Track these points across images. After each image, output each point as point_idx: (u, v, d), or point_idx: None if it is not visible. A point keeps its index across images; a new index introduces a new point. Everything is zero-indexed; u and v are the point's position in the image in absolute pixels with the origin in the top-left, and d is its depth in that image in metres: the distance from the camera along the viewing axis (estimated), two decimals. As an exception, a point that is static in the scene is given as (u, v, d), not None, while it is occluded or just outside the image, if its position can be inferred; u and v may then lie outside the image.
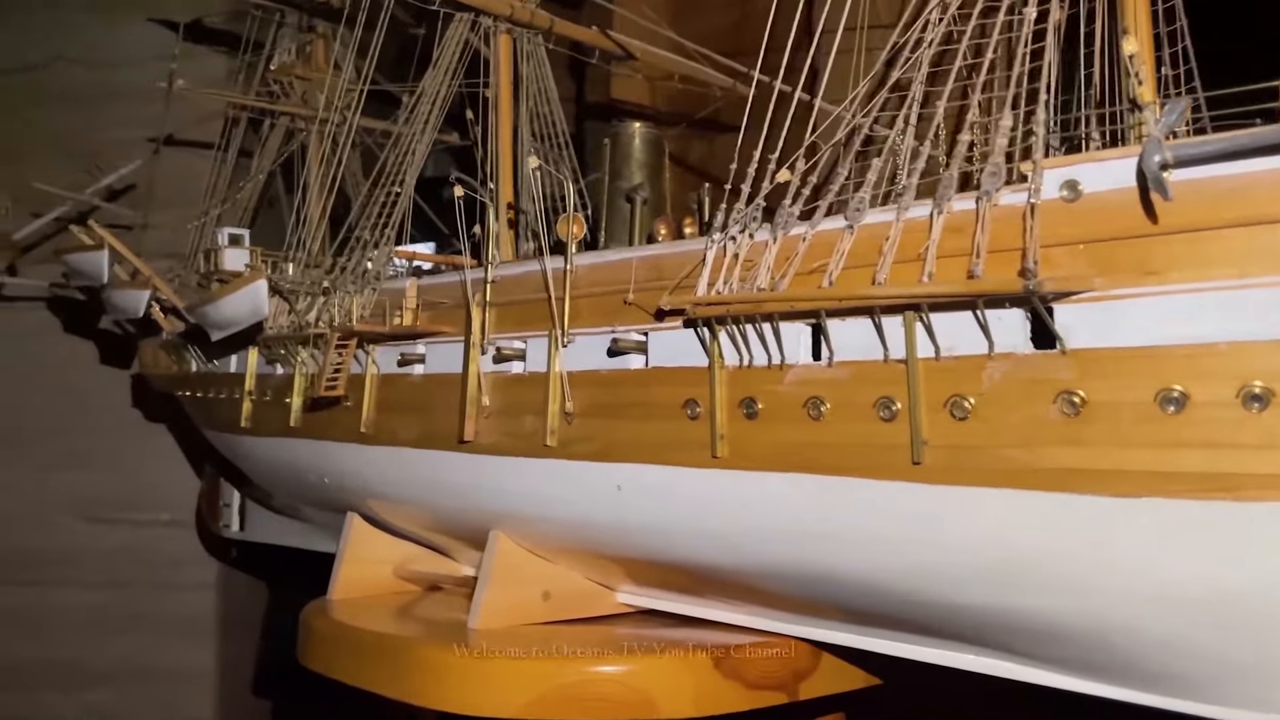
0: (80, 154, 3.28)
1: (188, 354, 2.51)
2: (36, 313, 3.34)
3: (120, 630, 3.41)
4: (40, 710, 3.39)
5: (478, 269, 1.74)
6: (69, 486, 3.40)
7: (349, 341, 1.86)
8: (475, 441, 1.70)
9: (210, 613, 3.38)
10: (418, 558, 2.07)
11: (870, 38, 1.60)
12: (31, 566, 3.40)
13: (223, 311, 1.96)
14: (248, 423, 2.26)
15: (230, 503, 2.76)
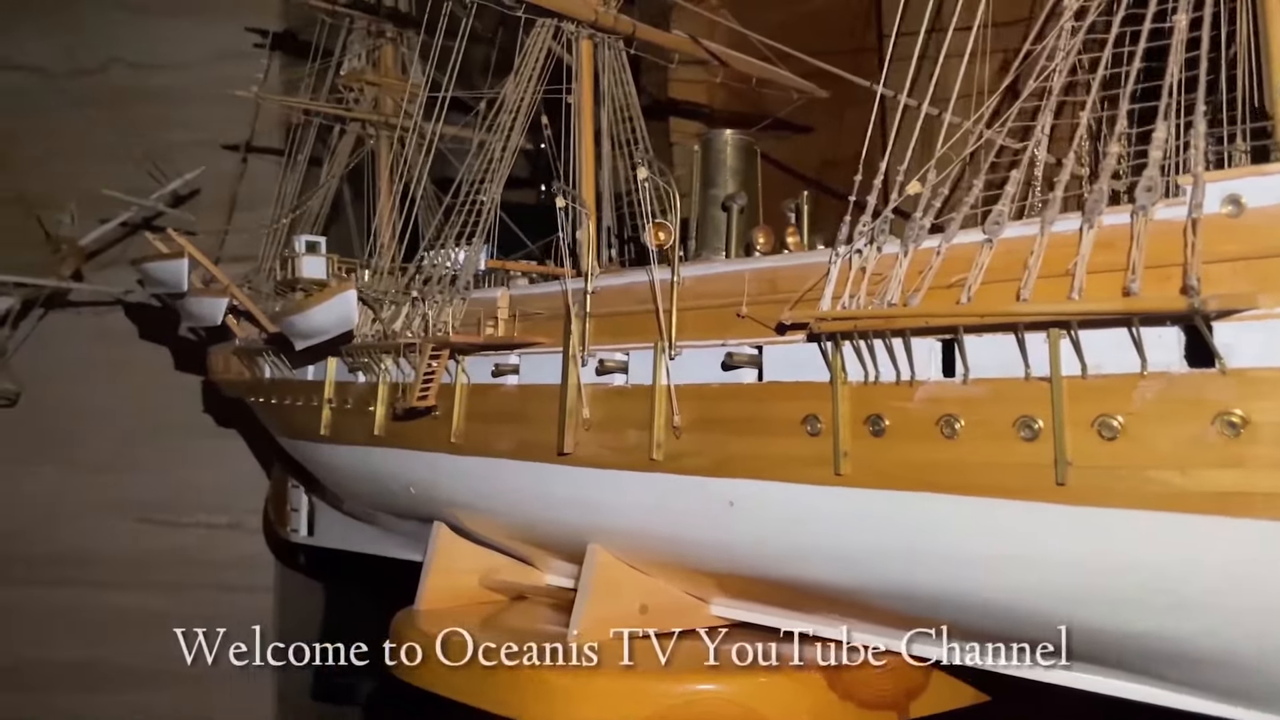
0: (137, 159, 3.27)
1: (261, 360, 2.49)
2: (101, 318, 3.34)
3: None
4: (97, 711, 3.39)
5: (577, 279, 1.71)
6: (128, 489, 3.39)
7: (443, 351, 1.83)
8: (575, 454, 1.67)
9: (267, 615, 3.36)
10: (503, 567, 2.05)
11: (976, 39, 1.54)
12: (90, 568, 3.39)
13: (312, 321, 1.94)
14: (327, 431, 2.24)
15: (299, 508, 2.74)
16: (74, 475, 3.39)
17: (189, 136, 3.30)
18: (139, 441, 3.38)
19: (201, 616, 3.34)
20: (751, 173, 1.82)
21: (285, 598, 3.41)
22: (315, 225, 2.46)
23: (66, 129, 3.41)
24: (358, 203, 2.80)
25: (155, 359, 3.39)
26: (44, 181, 3.29)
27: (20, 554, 3.39)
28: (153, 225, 3.24)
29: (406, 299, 2.02)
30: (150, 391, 3.38)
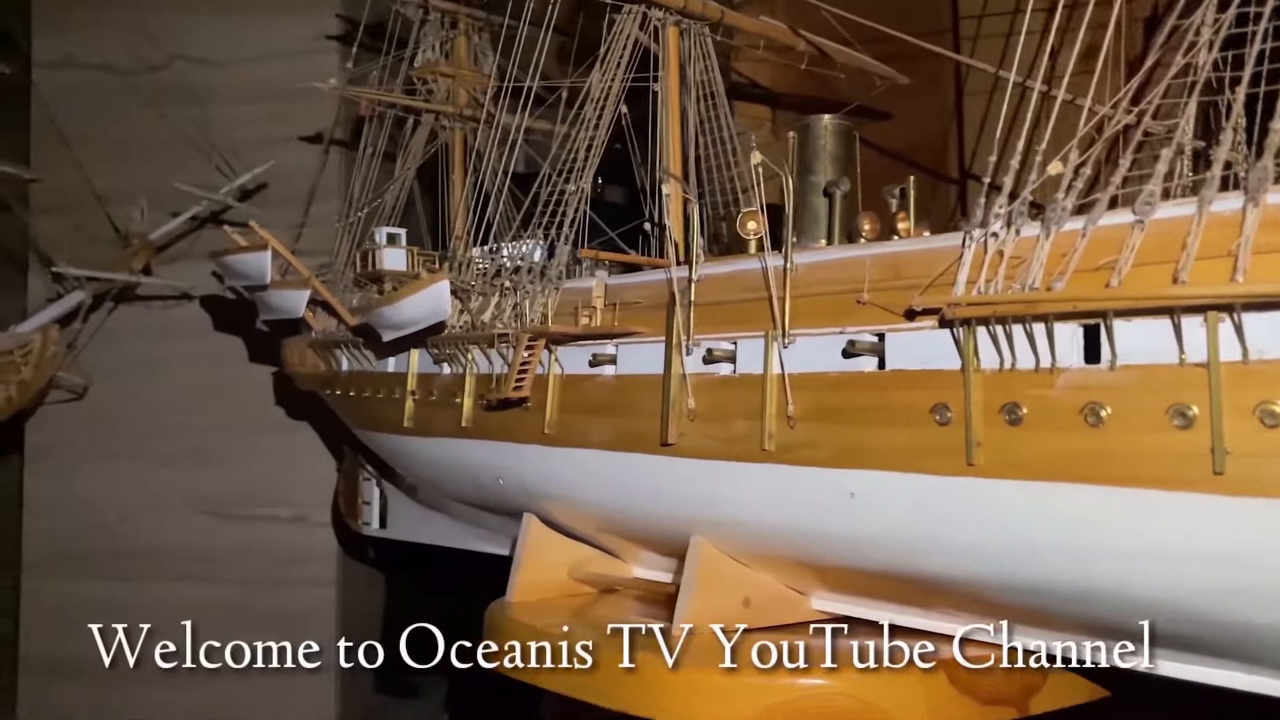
0: (203, 154, 3.26)
1: (338, 353, 2.46)
2: (168, 312, 3.32)
3: (242, 626, 3.37)
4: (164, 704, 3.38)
5: (676, 268, 1.67)
6: (193, 483, 3.38)
7: (538, 342, 1.80)
8: (679, 445, 1.63)
9: (330, 609, 3.34)
10: (592, 560, 2.01)
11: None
12: (159, 562, 3.39)
13: (404, 312, 1.91)
14: (410, 423, 2.21)
15: (370, 501, 2.71)
16: (142, 470, 3.38)
17: (253, 133, 3.28)
18: (205, 436, 3.37)
19: (267, 609, 3.35)
20: (851, 158, 1.77)
21: (348, 591, 3.39)
22: (392, 218, 2.43)
23: (133, 126, 3.40)
24: (426, 197, 2.78)
25: (220, 354, 3.38)
26: (113, 178, 3.28)
27: (91, 548, 3.39)
28: (220, 220, 3.23)
29: (496, 290, 1.99)
30: (216, 386, 3.37)
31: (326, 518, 3.33)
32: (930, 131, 2.62)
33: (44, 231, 3.37)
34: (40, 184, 3.39)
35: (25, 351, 2.80)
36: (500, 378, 1.88)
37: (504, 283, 1.91)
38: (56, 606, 3.40)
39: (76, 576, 3.40)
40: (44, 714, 3.38)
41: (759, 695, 1.47)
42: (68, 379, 3.08)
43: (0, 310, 3.38)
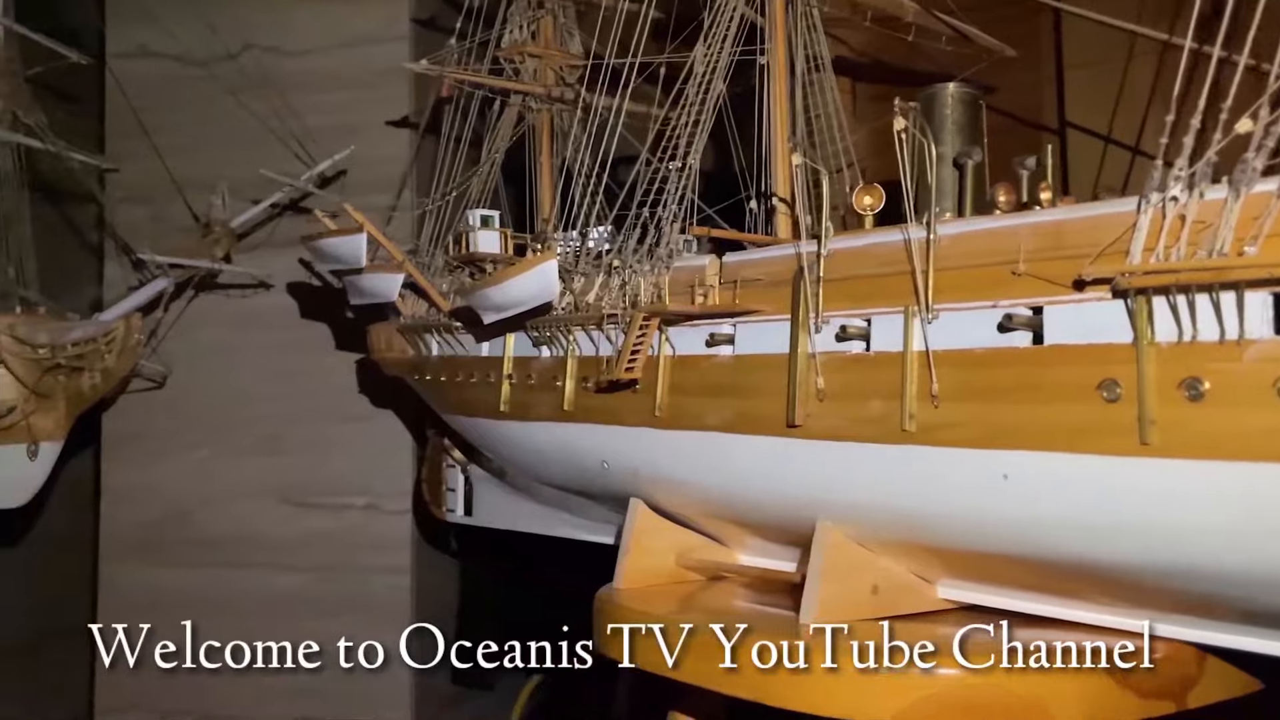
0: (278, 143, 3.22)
1: (428, 337, 2.41)
2: (247, 301, 3.29)
3: (319, 614, 3.35)
4: (241, 692, 3.35)
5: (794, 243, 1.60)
6: (268, 471, 3.35)
7: (651, 321, 1.73)
8: (806, 426, 1.55)
9: (405, 597, 3.29)
10: (699, 546, 1.94)
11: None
12: (231, 549, 3.35)
13: (509, 293, 1.84)
14: (507, 407, 2.14)
15: (455, 487, 2.65)
16: (218, 458, 3.35)
17: (328, 120, 3.23)
18: (281, 424, 3.33)
19: (343, 597, 3.31)
20: (978, 128, 1.68)
21: (422, 579, 3.35)
22: (480, 202, 2.37)
23: (207, 115, 3.37)
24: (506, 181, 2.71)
25: (295, 343, 3.34)
26: (187, 167, 3.25)
27: (167, 536, 3.37)
28: (300, 208, 3.19)
29: (600, 271, 1.92)
30: (291, 375, 3.34)
31: (400, 506, 3.28)
32: (1025, 106, 2.52)
33: (120, 221, 3.35)
34: (116, 174, 3.36)
35: (109, 339, 2.77)
36: (610, 359, 1.81)
37: (611, 262, 1.84)
38: (133, 594, 3.38)
39: (153, 564, 3.38)
40: (121, 700, 3.36)
41: (904, 687, 1.39)
42: (149, 367, 3.05)
43: (78, 299, 3.37)
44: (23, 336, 2.73)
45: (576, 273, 1.94)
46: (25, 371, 2.71)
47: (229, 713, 3.32)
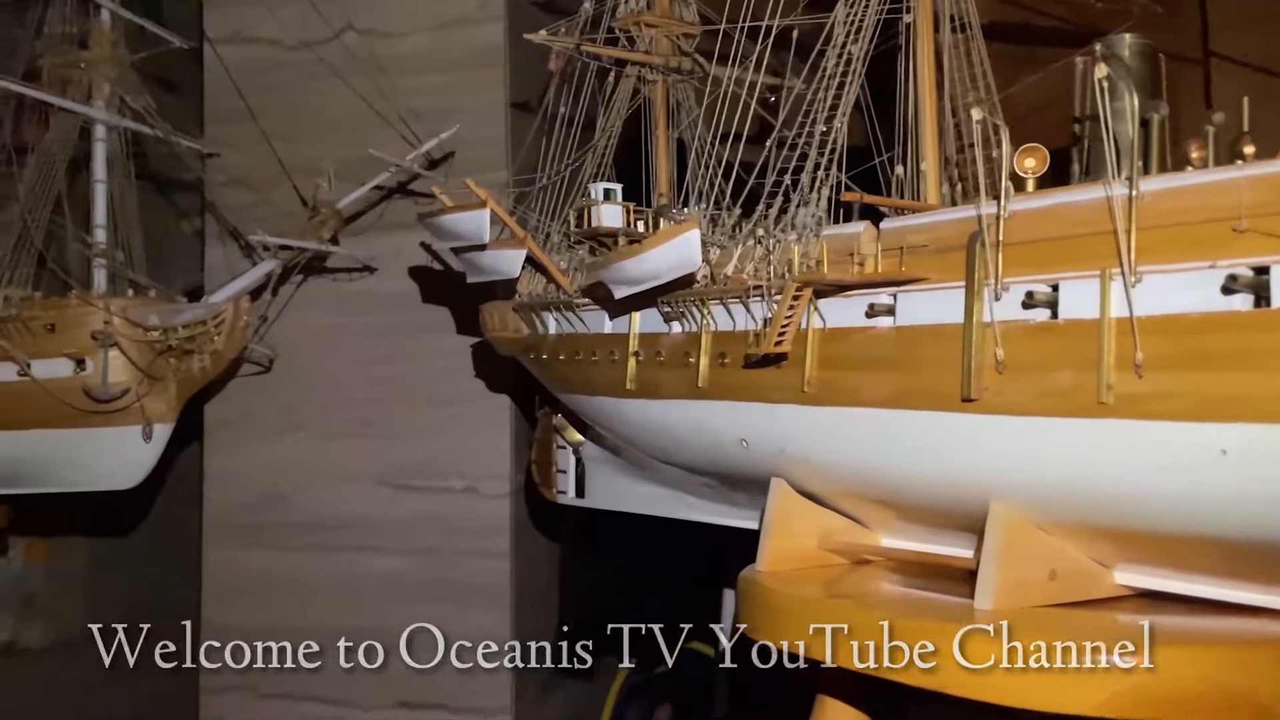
0: (378, 125, 3.16)
1: (545, 315, 2.32)
2: (352, 284, 3.24)
3: (420, 597, 3.29)
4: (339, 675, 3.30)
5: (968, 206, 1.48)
6: (367, 455, 3.30)
7: (805, 292, 1.62)
8: (983, 400, 1.44)
9: (504, 581, 3.22)
10: (841, 529, 1.83)
11: None
12: (332, 532, 3.31)
13: (647, 265, 1.75)
14: (633, 385, 2.05)
15: (566, 469, 2.57)
16: (318, 442, 3.31)
17: (425, 102, 3.17)
18: (379, 408, 3.29)
19: (442, 580, 3.25)
20: (1158, 81, 1.55)
21: (521, 563, 3.28)
22: (598, 176, 2.28)
23: (307, 98, 3.33)
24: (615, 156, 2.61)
25: (394, 327, 3.29)
26: (287, 150, 3.20)
27: (274, 519, 3.34)
28: (405, 190, 3.13)
29: (739, 242, 1.82)
30: (390, 359, 3.28)
31: (499, 489, 3.22)
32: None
33: (221, 205, 3.32)
34: (216, 159, 3.33)
35: (218, 322, 2.72)
36: (754, 333, 1.71)
37: (756, 232, 1.73)
38: (235, 576, 3.35)
39: (255, 547, 3.36)
40: (223, 680, 3.34)
41: (1101, 679, 1.28)
42: (257, 350, 3.01)
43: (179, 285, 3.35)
44: (135, 319, 2.70)
45: (712, 244, 1.84)
46: (138, 354, 2.68)
47: (329, 695, 3.28)
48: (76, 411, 2.69)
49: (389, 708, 3.24)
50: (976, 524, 1.54)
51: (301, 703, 3.26)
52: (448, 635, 3.21)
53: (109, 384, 2.64)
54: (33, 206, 2.73)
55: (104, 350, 2.65)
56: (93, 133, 2.86)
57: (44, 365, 2.68)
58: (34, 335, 2.65)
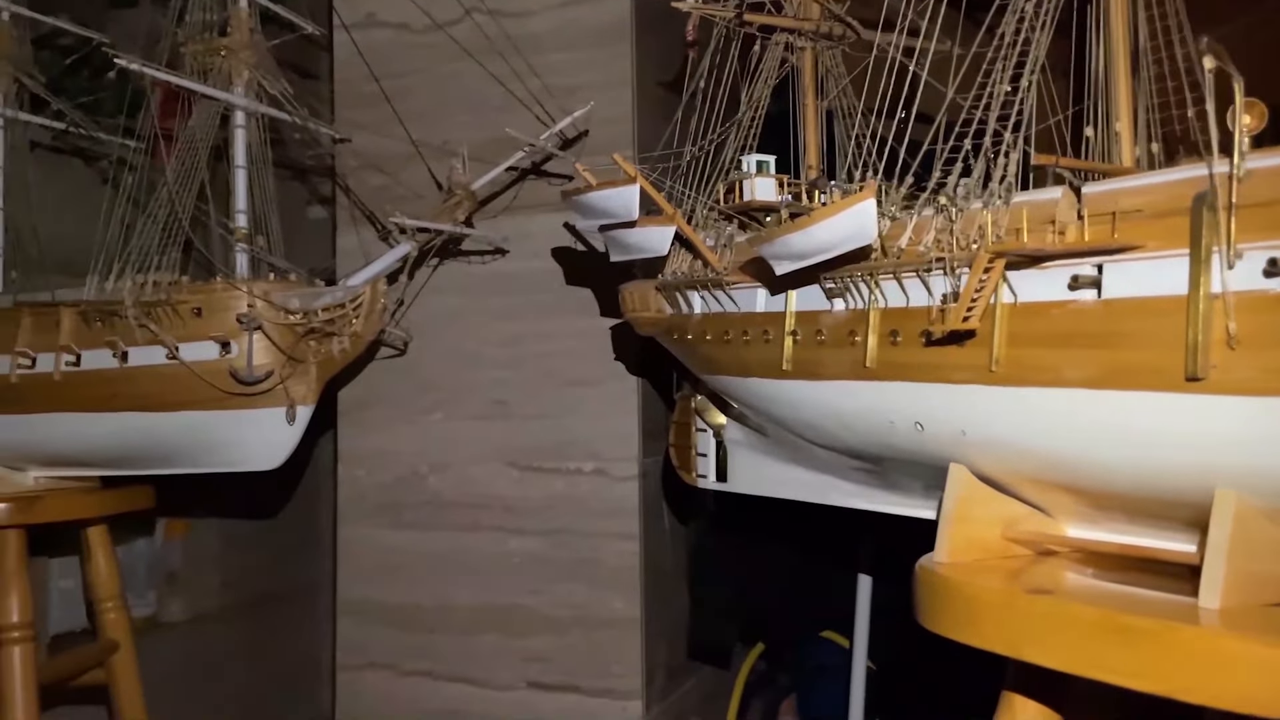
0: (505, 106, 3.11)
1: (690, 295, 2.22)
2: (485, 266, 3.20)
3: (552, 579, 3.25)
4: (474, 654, 3.29)
5: (1194, 165, 1.33)
6: (498, 436, 3.27)
7: (997, 264, 1.49)
8: (1212, 379, 1.29)
9: (635, 563, 3.15)
10: (1023, 517, 1.70)
11: None
12: (464, 513, 3.30)
13: (816, 239, 1.63)
14: (790, 365, 1.94)
15: (706, 452, 2.48)
16: (450, 423, 3.29)
17: (551, 81, 3.10)
18: (510, 389, 3.25)
19: (573, 562, 3.20)
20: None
21: (652, 546, 3.21)
22: (747, 148, 2.17)
23: (436, 81, 3.31)
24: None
25: (524, 308, 3.25)
26: (421, 133, 3.17)
27: (402, 499, 3.34)
28: (539, 170, 3.07)
29: (911, 213, 1.69)
30: (520, 340, 3.25)
31: (628, 471, 3.15)
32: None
33: (353, 190, 3.32)
34: (346, 144, 3.32)
35: (356, 304, 2.70)
36: (941, 309, 1.58)
37: (939, 200, 1.60)
38: (371, 555, 3.37)
39: (389, 526, 3.36)
40: (359, 658, 3.36)
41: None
42: (393, 333, 2.99)
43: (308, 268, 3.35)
44: (277, 303, 2.69)
45: (883, 214, 1.72)
46: (281, 337, 2.67)
47: (464, 674, 3.28)
48: (223, 394, 2.70)
49: (522, 688, 3.21)
50: (1190, 514, 1.40)
51: (439, 682, 3.26)
52: (579, 617, 3.18)
53: (254, 366, 2.64)
54: (179, 193, 2.74)
55: (249, 333, 2.64)
56: (232, 119, 2.86)
57: (191, 348, 2.69)
58: (182, 319, 2.66)
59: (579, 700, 3.19)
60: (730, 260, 2.08)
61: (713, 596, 3.32)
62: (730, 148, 2.21)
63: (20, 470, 2.97)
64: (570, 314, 3.18)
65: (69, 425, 2.84)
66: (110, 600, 3.21)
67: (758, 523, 3.13)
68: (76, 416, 2.82)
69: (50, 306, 2.82)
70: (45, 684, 2.86)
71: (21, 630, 2.79)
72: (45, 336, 2.83)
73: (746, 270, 2.02)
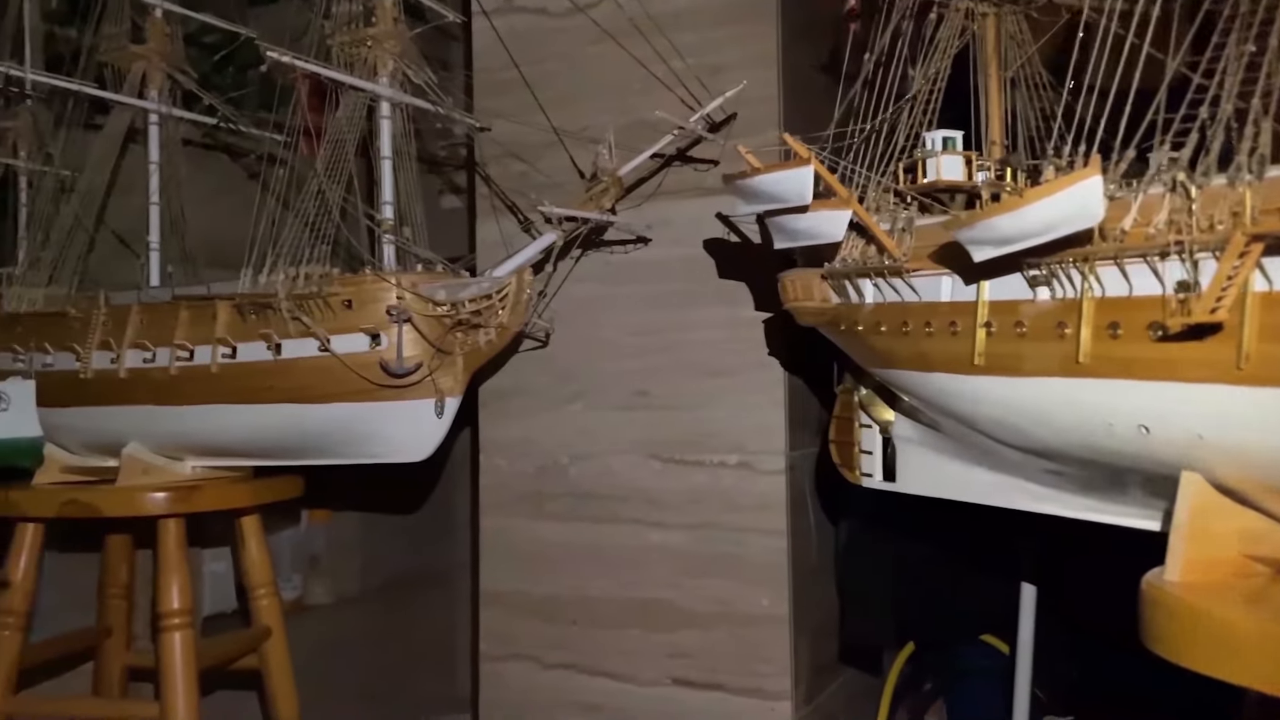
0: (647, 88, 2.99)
1: (861, 283, 2.06)
2: (617, 255, 3.10)
3: (696, 574, 3.14)
4: (617, 648, 3.20)
5: None
6: (640, 427, 3.17)
7: (1253, 248, 1.29)
8: None
9: (782, 560, 3.01)
10: (1270, 531, 1.49)
11: None
12: (605, 504, 3.21)
13: (1028, 221, 1.46)
14: (982, 360, 1.77)
15: (871, 450, 2.31)
16: (591, 413, 3.21)
17: (692, 62, 2.96)
18: (652, 379, 3.14)
19: (717, 557, 3.07)
20: None
21: (799, 543, 3.06)
22: (926, 124, 1.99)
23: (574, 66, 3.21)
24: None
25: (665, 297, 3.13)
26: (561, 120, 3.07)
27: (543, 490, 3.27)
28: (685, 155, 2.95)
29: (1134, 191, 1.49)
30: (662, 330, 3.13)
31: (774, 465, 3.02)
32: None
33: (494, 178, 3.25)
34: (486, 133, 3.24)
35: (502, 295, 2.62)
36: (1181, 299, 1.39)
37: (1175, 178, 1.41)
38: (513, 545, 3.32)
39: (531, 517, 3.30)
40: (503, 648, 3.31)
41: None
42: (536, 324, 2.91)
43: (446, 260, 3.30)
44: (425, 294, 2.63)
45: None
46: (429, 329, 2.61)
47: (607, 668, 3.20)
48: (373, 386, 2.66)
49: (666, 685, 3.12)
50: None
51: (581, 675, 3.19)
52: (723, 613, 3.06)
53: (403, 359, 2.59)
54: (328, 186, 2.71)
55: (398, 325, 2.59)
56: (378, 110, 2.81)
57: (342, 340, 2.66)
58: (333, 311, 2.63)
59: (723, 698, 3.08)
60: (910, 246, 1.91)
61: (862, 595, 3.16)
62: (905, 125, 2.04)
63: (179, 460, 3.00)
64: (714, 303, 3.05)
65: (225, 417, 2.85)
66: (263, 587, 3.24)
67: (908, 520, 2.95)
68: (232, 408, 2.83)
69: (206, 300, 2.82)
70: (204, 669, 2.88)
71: (181, 617, 2.82)
72: (202, 329, 2.84)
73: (930, 257, 1.85)
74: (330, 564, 4.39)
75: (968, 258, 1.66)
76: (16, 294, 3.02)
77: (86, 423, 2.99)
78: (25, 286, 3.02)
